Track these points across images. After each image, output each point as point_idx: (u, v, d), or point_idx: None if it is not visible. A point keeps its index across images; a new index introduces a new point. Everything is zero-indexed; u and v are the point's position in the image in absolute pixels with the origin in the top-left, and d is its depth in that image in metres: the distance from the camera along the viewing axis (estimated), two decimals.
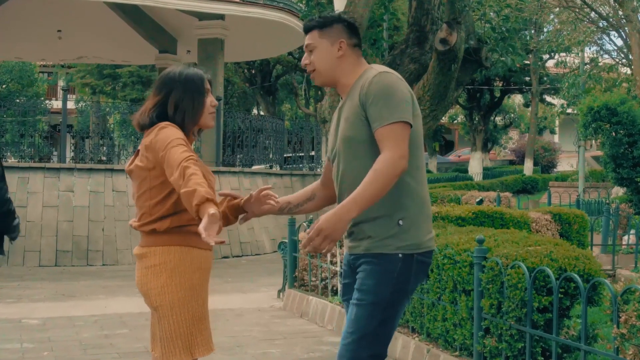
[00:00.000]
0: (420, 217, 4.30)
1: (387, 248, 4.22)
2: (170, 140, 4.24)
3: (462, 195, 26.07)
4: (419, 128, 4.35)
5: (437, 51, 9.89)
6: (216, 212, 3.86)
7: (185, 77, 4.54)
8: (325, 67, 4.46)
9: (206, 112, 4.57)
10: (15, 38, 26.36)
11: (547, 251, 6.64)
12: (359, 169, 4.28)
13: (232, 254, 19.18)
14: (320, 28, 4.47)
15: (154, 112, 4.51)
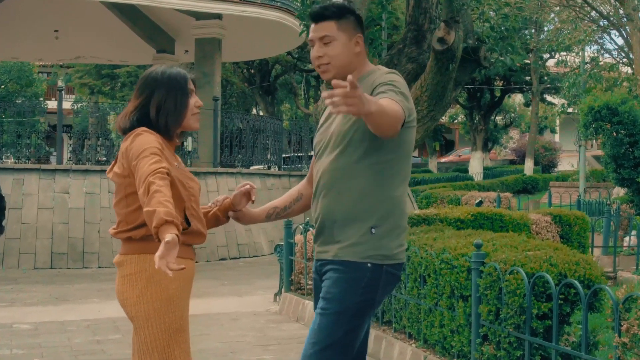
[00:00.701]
0: (395, 229, 4.16)
1: (356, 255, 4.07)
2: (143, 149, 4.02)
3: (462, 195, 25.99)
4: (411, 138, 4.18)
5: (434, 50, 9.72)
6: (173, 238, 3.65)
7: (168, 76, 4.35)
8: (343, 63, 4.25)
9: (189, 113, 4.37)
10: (12, 38, 26.24)
11: (546, 256, 6.49)
12: (341, 167, 4.14)
13: (230, 255, 19.04)
14: (337, 19, 4.25)
15: (135, 115, 4.32)
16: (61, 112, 19.64)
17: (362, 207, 4.08)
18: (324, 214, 4.21)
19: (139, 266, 4.19)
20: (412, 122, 4.13)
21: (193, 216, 4.26)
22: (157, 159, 3.97)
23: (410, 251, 8.01)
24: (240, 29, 23.43)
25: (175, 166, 4.25)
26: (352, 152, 4.11)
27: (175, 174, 4.18)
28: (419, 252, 7.86)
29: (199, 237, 4.33)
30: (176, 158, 4.40)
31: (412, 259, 7.99)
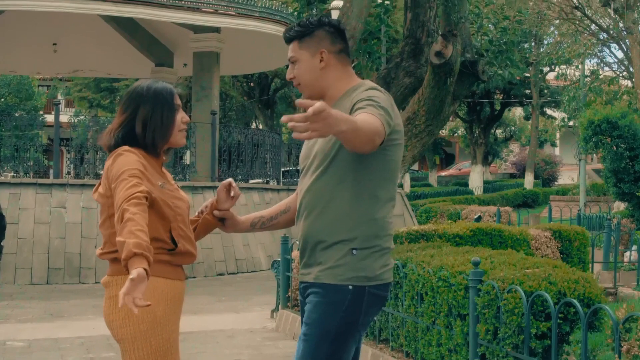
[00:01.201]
0: (378, 250, 4.02)
1: (337, 278, 3.95)
2: (122, 171, 3.92)
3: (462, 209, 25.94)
4: (396, 156, 4.05)
5: (432, 64, 9.63)
6: (140, 274, 3.54)
7: (154, 91, 4.22)
8: (309, 80, 4.17)
9: (176, 129, 4.25)
10: (10, 51, 26.15)
11: (545, 274, 6.38)
12: (323, 186, 4.03)
13: (228, 271, 18.90)
14: (299, 38, 4.18)
15: (120, 132, 4.20)
16: (58, 125, 19.55)
17: (343, 229, 3.97)
18: (305, 235, 4.11)
19: (117, 286, 4.07)
20: (397, 139, 4.00)
21: (180, 236, 4.15)
22: (134, 182, 3.87)
23: (408, 268, 7.90)
24: (239, 42, 23.37)
25: (160, 186, 4.12)
26: (333, 172, 4.00)
27: (159, 194, 4.06)
28: (416, 269, 7.75)
29: (188, 257, 4.22)
30: (163, 176, 4.28)
31: (409, 277, 7.87)
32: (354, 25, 10.28)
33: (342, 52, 4.19)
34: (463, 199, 34.36)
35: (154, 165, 4.20)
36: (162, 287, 4.09)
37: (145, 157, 4.14)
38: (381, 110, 3.81)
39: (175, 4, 20.24)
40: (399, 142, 4.04)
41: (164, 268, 3.97)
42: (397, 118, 3.97)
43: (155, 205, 4.01)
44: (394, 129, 3.93)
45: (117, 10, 19.96)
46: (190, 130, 21.48)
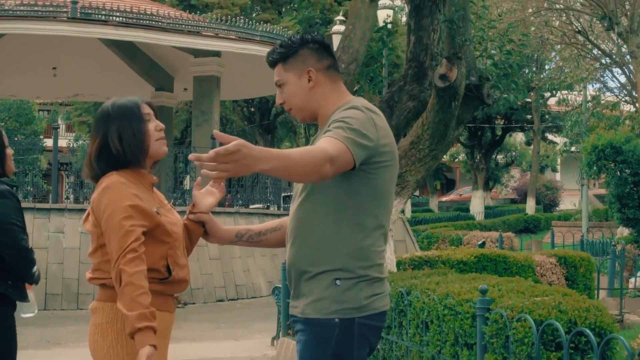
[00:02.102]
0: (365, 279, 3.77)
1: (322, 312, 3.73)
2: (111, 212, 3.83)
3: (464, 235, 25.77)
4: (383, 179, 3.82)
5: (436, 88, 9.45)
6: (149, 354, 3.59)
7: (118, 107, 4.06)
8: (300, 103, 3.96)
9: (152, 138, 4.07)
10: (10, 75, 26.07)
11: (555, 302, 6.20)
12: (306, 213, 3.83)
13: (228, 297, 18.71)
14: (283, 60, 3.96)
15: (99, 158, 4.04)
16: (57, 149, 19.42)
17: (325, 259, 3.75)
18: (290, 264, 3.91)
19: (111, 315, 3.92)
20: (385, 160, 3.78)
21: (176, 264, 4.00)
22: (127, 228, 3.79)
23: (412, 296, 7.71)
24: (240, 67, 23.27)
25: (155, 212, 3.95)
26: (316, 198, 3.80)
27: (152, 225, 3.91)
28: (421, 297, 7.55)
29: (180, 285, 4.06)
30: (156, 197, 4.13)
31: (414, 304, 7.68)
32: (356, 48, 10.12)
33: (330, 68, 3.99)
34: (465, 224, 34.17)
35: (146, 185, 4.06)
36: None
37: (134, 178, 4.00)
38: (351, 132, 3.61)
39: (176, 28, 20.15)
40: (388, 164, 3.81)
41: (154, 300, 3.78)
42: (383, 138, 3.76)
43: (153, 233, 3.88)
44: (377, 150, 3.72)
45: (117, 34, 19.86)
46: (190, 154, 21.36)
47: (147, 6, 21.05)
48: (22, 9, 18.86)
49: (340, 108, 3.85)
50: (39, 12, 18.77)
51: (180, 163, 23.76)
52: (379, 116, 3.85)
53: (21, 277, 5.74)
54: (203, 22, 21.59)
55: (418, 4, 10.96)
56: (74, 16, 18.72)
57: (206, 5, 37.50)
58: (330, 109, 3.91)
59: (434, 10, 10.95)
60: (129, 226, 3.78)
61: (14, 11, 18.79)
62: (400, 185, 10.04)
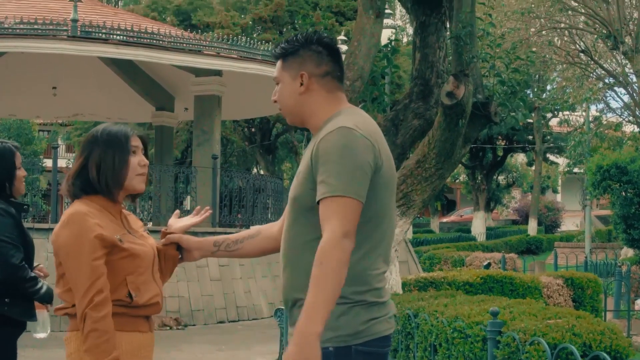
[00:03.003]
0: (359, 304, 3.50)
1: None
2: (70, 249, 3.78)
3: (466, 256, 25.60)
4: (380, 199, 3.57)
5: (443, 105, 9.28)
6: None
7: (107, 134, 4.00)
8: (289, 105, 3.74)
9: (132, 173, 3.98)
10: (9, 95, 25.91)
11: (569, 325, 6.03)
12: (295, 236, 3.60)
13: (228, 318, 18.49)
14: (283, 57, 3.74)
15: (77, 179, 3.99)
16: (56, 169, 19.24)
17: None
18: (285, 291, 3.70)
19: (79, 344, 3.82)
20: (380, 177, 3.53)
21: (138, 289, 3.90)
22: (90, 265, 3.75)
23: (420, 318, 7.51)
24: (241, 86, 23.11)
25: (118, 239, 3.87)
26: (305, 221, 3.57)
27: (114, 252, 3.85)
28: (429, 319, 7.37)
29: (150, 308, 3.97)
30: (125, 224, 4.05)
31: (421, 327, 7.49)
32: (361, 65, 9.94)
33: (328, 75, 3.71)
34: (467, 245, 34.01)
35: (113, 212, 3.99)
36: (123, 341, 3.85)
37: (102, 205, 3.95)
38: (347, 176, 3.40)
39: (177, 47, 19.99)
40: (385, 182, 3.56)
41: (119, 320, 3.77)
42: (379, 158, 3.52)
43: (114, 260, 3.84)
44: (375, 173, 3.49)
45: (117, 53, 19.69)
46: (191, 174, 21.19)
47: (148, 25, 20.92)
48: (21, 27, 18.70)
49: (329, 121, 3.60)
50: (39, 31, 18.62)
51: (181, 183, 23.59)
52: (374, 130, 3.60)
53: (26, 296, 5.60)
54: (204, 41, 21.42)
55: (424, 21, 10.85)
56: (74, 34, 18.56)
57: (207, 25, 37.42)
58: (323, 119, 3.66)
59: (440, 28, 10.84)
60: (91, 261, 3.75)
61: (13, 29, 18.63)
62: (406, 205, 9.87)
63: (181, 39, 20.59)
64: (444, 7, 10.76)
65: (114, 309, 3.78)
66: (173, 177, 22.07)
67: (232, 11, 39.42)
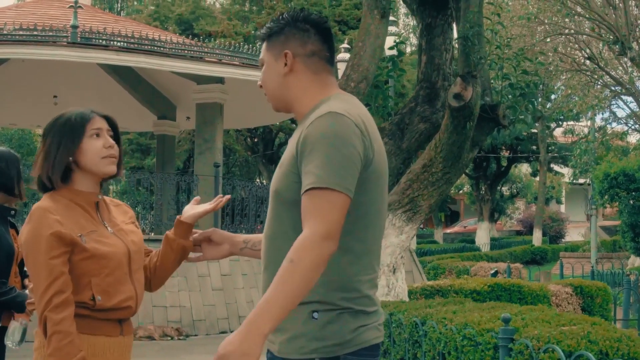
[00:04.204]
0: (347, 311, 3.17)
1: (299, 351, 3.18)
2: (30, 247, 3.60)
3: (471, 266, 25.40)
4: (371, 197, 3.24)
5: (450, 107, 9.02)
6: None
7: (63, 120, 3.79)
8: (272, 87, 3.42)
9: (96, 157, 3.74)
10: (9, 103, 25.76)
11: (584, 332, 5.79)
12: (277, 233, 3.28)
13: (231, 328, 18.27)
14: (268, 39, 3.43)
15: (37, 172, 3.78)
16: None
17: None
18: (263, 291, 3.31)
19: (41, 340, 3.64)
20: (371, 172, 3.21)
21: (103, 291, 3.66)
22: (47, 264, 3.54)
23: (427, 326, 7.26)
24: (243, 94, 22.93)
25: (79, 237, 3.63)
26: (287, 217, 3.23)
27: (75, 252, 3.63)
28: (437, 326, 7.11)
29: (120, 312, 3.74)
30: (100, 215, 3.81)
31: (429, 335, 7.24)
32: (366, 67, 9.70)
33: (315, 55, 3.37)
34: (471, 255, 33.80)
35: (85, 205, 3.76)
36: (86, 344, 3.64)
37: (71, 198, 3.73)
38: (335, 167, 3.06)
39: (178, 54, 19.83)
40: (376, 176, 3.23)
41: (81, 322, 3.58)
42: (371, 148, 3.19)
43: (76, 260, 3.62)
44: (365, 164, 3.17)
45: (118, 59, 19.52)
46: (193, 183, 21.00)
47: (149, 32, 20.77)
48: (21, 33, 18.57)
49: (317, 108, 3.26)
50: (38, 37, 18.47)
51: (183, 192, 23.39)
52: (366, 119, 3.27)
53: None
54: (206, 48, 21.28)
55: (429, 23, 10.63)
56: (74, 41, 18.41)
57: (209, 35, 37.30)
58: (309, 105, 3.33)
59: (446, 29, 10.63)
60: (48, 259, 3.54)
61: (13, 36, 18.50)
62: (412, 211, 9.62)
63: (183, 46, 20.46)
64: (450, 8, 10.55)
65: (77, 310, 3.58)
66: (175, 186, 21.88)
67: (235, 20, 39.31)
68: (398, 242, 9.60)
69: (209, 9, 41.66)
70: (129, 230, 3.86)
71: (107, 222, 3.80)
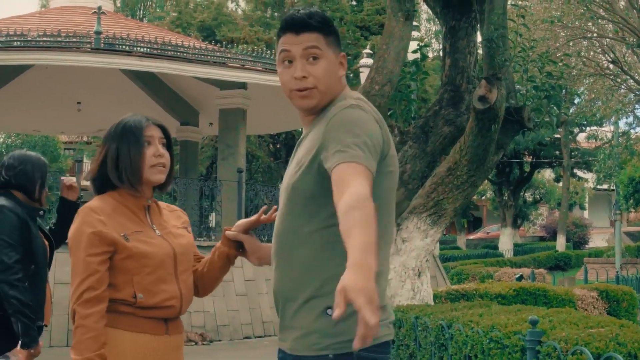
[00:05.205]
0: None
1: (313, 347, 3.16)
2: (71, 243, 3.69)
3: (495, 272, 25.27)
4: (386, 188, 3.25)
5: (475, 110, 8.97)
6: None
7: (122, 127, 3.86)
8: (328, 86, 3.34)
9: (146, 165, 3.81)
10: (33, 110, 25.88)
11: (612, 334, 5.74)
12: (288, 231, 3.27)
13: (255, 334, 18.25)
14: (325, 32, 3.35)
15: (96, 176, 3.89)
16: (79, 182, 19.11)
17: (313, 283, 3.19)
18: (275, 290, 3.35)
19: None
20: (388, 165, 3.23)
21: (145, 289, 3.72)
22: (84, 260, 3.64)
23: (454, 329, 7.21)
24: (265, 100, 22.93)
25: (123, 237, 3.72)
26: (299, 212, 3.23)
27: (117, 251, 3.71)
28: (464, 329, 7.07)
29: (162, 310, 3.78)
30: (149, 218, 3.90)
31: (455, 338, 7.19)
32: (391, 69, 9.66)
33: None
34: (494, 261, 33.62)
35: (134, 207, 3.85)
36: (122, 341, 3.71)
37: (121, 200, 3.83)
38: (365, 148, 3.03)
39: (201, 59, 19.87)
40: (391, 170, 3.25)
41: (124, 319, 3.68)
42: (387, 141, 3.23)
43: (118, 259, 3.71)
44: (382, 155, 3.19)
45: (141, 65, 19.57)
46: (216, 188, 21.01)
47: (171, 37, 20.82)
48: (45, 40, 18.66)
49: (339, 100, 3.30)
50: (62, 43, 18.56)
51: (206, 198, 23.39)
52: (380, 117, 3.30)
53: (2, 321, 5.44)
54: (229, 53, 21.29)
55: (453, 26, 10.59)
56: (97, 47, 18.49)
57: (231, 41, 37.36)
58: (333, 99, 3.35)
59: (470, 32, 10.58)
60: (85, 256, 3.65)
61: (37, 42, 18.60)
62: (437, 214, 9.58)
63: (205, 51, 20.50)
64: (474, 11, 10.50)
65: (120, 308, 3.68)
66: (198, 192, 21.90)
67: (256, 27, 39.39)
68: (423, 246, 9.56)
69: (230, 16, 41.74)
70: (178, 233, 3.94)
71: (156, 224, 3.88)
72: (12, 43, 18.72)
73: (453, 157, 9.62)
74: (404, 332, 8.60)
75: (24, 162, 5.72)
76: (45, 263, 5.69)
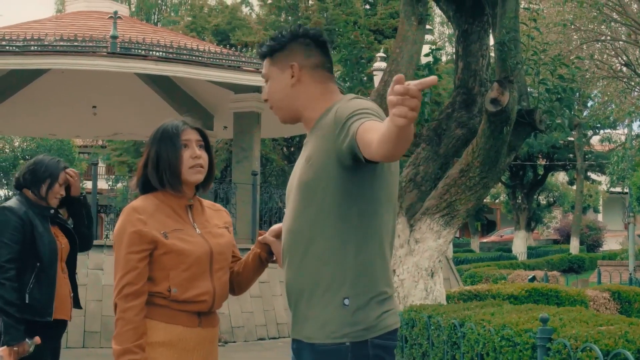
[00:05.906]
0: (375, 296, 3.39)
1: (330, 336, 3.35)
2: (115, 241, 3.95)
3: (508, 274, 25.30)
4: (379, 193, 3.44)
5: (487, 112, 9.09)
6: None
7: (161, 131, 4.09)
8: (279, 99, 3.64)
9: (185, 166, 4.01)
10: (49, 114, 26.01)
11: (621, 331, 5.83)
12: (302, 226, 3.46)
13: (269, 335, 18.34)
14: (270, 55, 3.66)
15: (140, 178, 4.12)
16: (95, 185, 19.29)
17: (329, 276, 3.38)
18: (289, 284, 3.53)
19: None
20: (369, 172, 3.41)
21: (180, 284, 3.93)
22: (125, 257, 3.90)
23: (466, 327, 7.33)
24: None
25: (163, 235, 3.94)
26: (314, 208, 3.42)
27: (157, 248, 3.93)
28: (476, 328, 7.18)
29: (195, 304, 3.99)
30: (190, 216, 4.10)
31: (467, 336, 7.30)
32: (404, 73, 9.77)
33: (318, 67, 3.62)
34: (508, 263, 33.64)
35: (176, 206, 4.05)
36: (156, 331, 3.94)
37: (163, 199, 4.04)
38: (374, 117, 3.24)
39: (216, 63, 19.98)
40: (378, 171, 3.44)
41: (160, 311, 3.91)
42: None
43: (157, 255, 3.94)
44: None
45: (157, 69, 19.71)
46: (231, 191, 21.12)
47: (187, 41, 20.93)
48: (62, 44, 18.78)
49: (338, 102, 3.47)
50: (78, 48, 18.68)
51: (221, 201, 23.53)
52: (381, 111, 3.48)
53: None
54: (243, 57, 21.41)
55: (466, 30, 10.70)
56: (113, 51, 18.61)
57: (246, 45, 37.51)
58: (318, 113, 3.55)
59: (483, 36, 10.68)
60: (126, 253, 3.90)
61: (54, 46, 18.72)
62: (450, 215, 9.70)
63: (221, 55, 20.59)
64: (486, 14, 10.62)
65: (156, 300, 3.91)
66: (213, 194, 22.02)
67: (271, 31, 39.42)
68: (436, 246, 9.68)
69: (245, 20, 41.85)
70: (218, 233, 4.13)
71: (198, 223, 4.08)
72: (29, 48, 18.83)
73: (465, 159, 9.73)
74: (417, 331, 8.71)
75: (37, 162, 5.94)
76: (55, 260, 5.78)
